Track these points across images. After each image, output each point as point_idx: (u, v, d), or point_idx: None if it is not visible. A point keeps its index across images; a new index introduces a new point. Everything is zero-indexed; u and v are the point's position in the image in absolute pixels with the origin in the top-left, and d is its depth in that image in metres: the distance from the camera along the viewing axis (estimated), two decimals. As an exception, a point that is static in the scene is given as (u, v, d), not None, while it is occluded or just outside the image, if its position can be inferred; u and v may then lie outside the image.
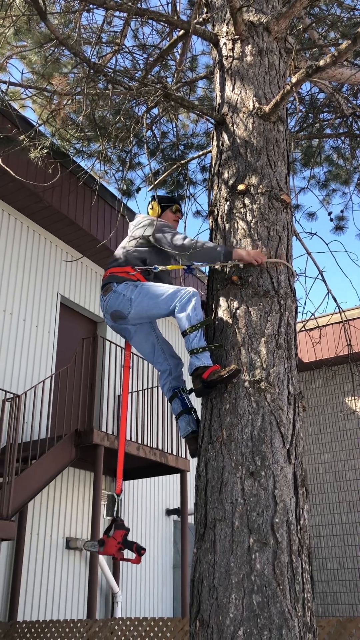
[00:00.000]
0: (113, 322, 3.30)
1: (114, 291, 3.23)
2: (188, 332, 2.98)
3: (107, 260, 9.13)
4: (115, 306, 3.21)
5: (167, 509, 9.69)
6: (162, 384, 3.36)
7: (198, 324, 3.00)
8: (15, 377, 7.26)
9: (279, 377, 2.89)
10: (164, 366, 3.35)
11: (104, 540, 3.05)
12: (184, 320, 3.01)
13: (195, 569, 2.62)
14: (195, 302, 3.05)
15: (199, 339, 2.98)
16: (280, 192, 3.39)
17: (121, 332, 3.41)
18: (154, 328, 3.45)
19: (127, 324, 3.29)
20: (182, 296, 3.07)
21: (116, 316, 3.23)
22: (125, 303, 3.18)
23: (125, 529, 3.09)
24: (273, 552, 2.47)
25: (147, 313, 3.18)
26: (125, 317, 3.20)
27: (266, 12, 3.94)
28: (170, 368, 3.34)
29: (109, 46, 6.36)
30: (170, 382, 3.30)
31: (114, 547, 3.04)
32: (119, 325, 3.34)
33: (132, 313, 3.18)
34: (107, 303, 3.26)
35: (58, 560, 7.28)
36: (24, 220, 8.03)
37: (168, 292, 3.12)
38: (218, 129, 3.74)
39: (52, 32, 2.73)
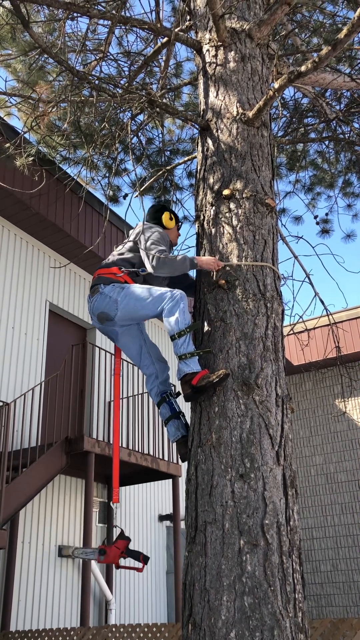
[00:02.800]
0: (100, 324, 3.31)
1: (100, 293, 3.23)
2: (177, 337, 2.99)
3: (95, 266, 9.13)
4: (101, 308, 3.21)
5: (160, 514, 9.67)
6: (149, 389, 3.36)
7: (186, 328, 3.01)
8: (5, 386, 7.23)
9: (267, 379, 2.91)
10: (150, 370, 3.35)
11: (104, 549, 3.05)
12: (173, 325, 3.01)
13: (186, 572, 2.63)
14: (183, 305, 3.05)
15: (187, 344, 2.99)
16: (265, 196, 3.42)
17: (108, 334, 3.41)
18: (142, 331, 3.45)
19: (114, 325, 3.29)
20: (170, 299, 3.06)
21: (103, 318, 3.24)
22: (111, 305, 3.18)
23: (127, 539, 3.10)
24: (264, 554, 2.49)
25: (134, 315, 3.18)
26: (112, 318, 3.20)
27: (248, 19, 3.99)
28: (156, 372, 3.34)
29: (93, 54, 6.39)
30: (158, 387, 3.31)
31: (117, 556, 3.05)
32: (106, 327, 3.35)
33: (118, 315, 3.18)
34: (93, 305, 3.27)
35: (50, 569, 7.24)
36: (11, 228, 8.02)
37: (155, 294, 3.12)
38: (203, 134, 3.78)
39: (36, 41, 2.75)
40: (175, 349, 2.99)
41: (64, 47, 5.24)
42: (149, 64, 5.97)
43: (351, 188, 7.94)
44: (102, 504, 8.44)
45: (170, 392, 3.30)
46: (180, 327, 3.00)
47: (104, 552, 3.03)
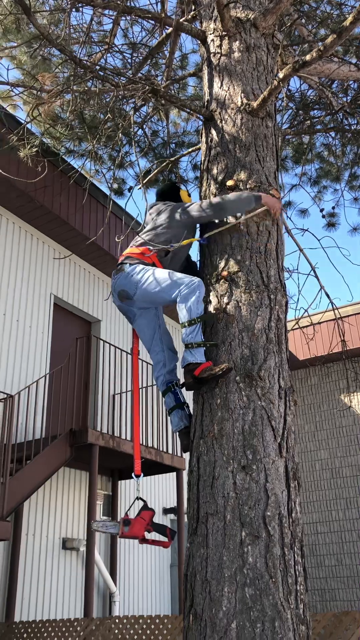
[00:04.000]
0: (120, 301, 3.32)
1: (125, 271, 3.24)
2: (187, 325, 2.97)
3: (99, 259, 9.12)
4: (123, 285, 3.23)
5: (164, 508, 9.69)
6: (155, 376, 3.36)
7: (197, 318, 2.98)
8: (10, 378, 7.24)
9: (270, 371, 2.89)
10: (159, 357, 3.34)
11: (129, 520, 2.87)
12: (185, 312, 2.99)
13: (188, 564, 2.63)
14: (198, 294, 3.02)
15: (196, 333, 2.97)
16: (269, 187, 3.40)
17: (127, 313, 3.42)
18: (158, 316, 3.44)
19: (132, 305, 3.30)
20: (186, 285, 3.04)
21: (123, 296, 3.25)
22: (132, 284, 3.19)
23: (152, 511, 2.95)
24: (265, 545, 2.48)
25: (151, 298, 3.18)
26: (131, 297, 3.21)
27: (253, 8, 3.95)
28: (164, 360, 3.33)
29: (98, 46, 6.35)
30: (164, 376, 3.30)
31: (142, 528, 2.88)
32: (125, 306, 3.35)
33: (137, 294, 3.19)
34: (116, 282, 3.29)
35: (55, 561, 7.27)
36: (16, 221, 8.02)
37: (172, 279, 3.09)
38: (207, 125, 3.75)
39: (38, 29, 2.73)
40: (183, 337, 2.97)
41: (69, 38, 5.22)
42: (154, 55, 5.94)
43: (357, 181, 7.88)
44: (107, 497, 8.46)
45: (176, 382, 3.29)
46: (192, 315, 2.97)
47: (128, 523, 2.85)
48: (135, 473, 3.26)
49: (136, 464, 3.26)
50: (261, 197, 3.18)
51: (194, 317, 2.97)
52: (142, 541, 3.00)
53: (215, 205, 3.20)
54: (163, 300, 3.17)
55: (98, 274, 9.45)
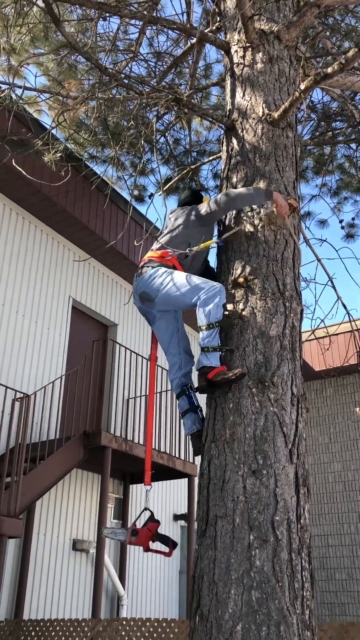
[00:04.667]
0: (141, 303, 3.37)
1: (147, 274, 3.30)
2: (204, 329, 3.01)
3: (119, 264, 9.21)
4: (144, 288, 3.28)
5: (175, 514, 9.70)
6: (171, 379, 3.40)
7: (216, 322, 3.01)
8: (26, 378, 7.34)
9: (283, 378, 2.92)
10: (175, 359, 3.39)
11: (137, 530, 3.04)
12: (203, 316, 3.03)
13: (196, 565, 2.66)
14: (219, 299, 3.05)
15: (213, 337, 3.00)
16: (287, 196, 3.44)
17: (147, 314, 3.47)
18: (177, 319, 3.48)
19: (153, 307, 3.35)
20: (207, 290, 3.07)
21: (144, 298, 3.31)
22: (154, 287, 3.24)
23: (157, 522, 3.11)
24: (273, 550, 2.50)
25: (172, 301, 3.22)
26: (152, 299, 3.26)
27: (277, 21, 4.01)
28: (180, 362, 3.37)
29: (124, 54, 6.46)
30: (180, 379, 3.35)
31: (147, 538, 3.05)
32: (145, 308, 3.40)
33: (158, 297, 3.23)
34: (138, 283, 3.34)
35: (64, 561, 7.32)
36: (38, 224, 8.15)
37: (193, 284, 3.13)
38: (228, 134, 3.80)
39: (65, 37, 2.82)
40: (200, 340, 3.01)
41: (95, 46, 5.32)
42: (178, 65, 6.02)
43: (378, 193, 7.88)
44: (118, 500, 8.50)
45: (190, 386, 3.33)
46: (211, 320, 3.01)
47: (136, 533, 3.02)
48: (145, 484, 3.33)
49: (146, 475, 3.33)
50: (272, 193, 3.22)
51: (212, 321, 3.01)
52: (146, 549, 3.13)
53: (224, 197, 3.26)
54: (183, 304, 3.21)
55: (116, 279, 9.54)
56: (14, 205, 7.77)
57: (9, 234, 7.67)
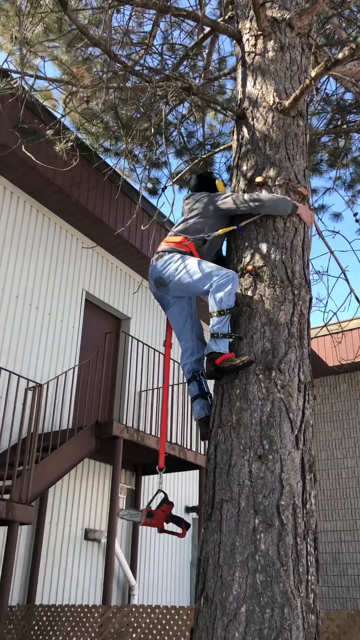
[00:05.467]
0: (156, 288, 3.39)
1: (163, 258, 3.32)
2: (215, 315, 3.02)
3: (132, 257, 9.24)
4: (159, 273, 3.30)
5: (186, 506, 9.73)
6: (182, 364, 3.43)
7: (227, 309, 3.02)
8: (39, 368, 7.42)
9: (290, 364, 2.92)
10: (188, 345, 3.40)
11: (152, 512, 3.07)
12: (215, 302, 3.03)
13: (201, 548, 2.68)
14: (232, 286, 3.05)
15: (224, 324, 3.01)
16: (297, 184, 3.43)
17: (161, 300, 3.49)
18: (192, 305, 3.50)
19: (167, 293, 3.37)
20: (221, 276, 3.08)
21: (159, 283, 3.32)
22: (169, 272, 3.25)
23: (171, 504, 3.14)
24: (278, 534, 2.51)
25: (185, 287, 3.23)
26: (167, 285, 3.28)
27: (289, 8, 3.98)
28: (192, 348, 3.39)
29: (138, 46, 6.47)
30: (191, 364, 3.37)
31: (162, 520, 3.09)
32: (160, 293, 3.42)
33: (172, 283, 3.25)
34: (154, 269, 3.36)
35: (76, 550, 7.40)
36: (52, 217, 8.21)
37: (206, 270, 3.14)
38: (239, 123, 3.80)
39: (73, 21, 2.84)
40: (211, 326, 3.03)
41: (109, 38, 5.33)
42: (191, 56, 6.01)
43: (393, 186, 7.82)
44: (129, 491, 8.56)
45: (201, 372, 3.34)
46: (222, 306, 3.01)
47: (151, 515, 3.05)
48: (159, 466, 3.38)
49: (161, 457, 3.38)
50: (298, 207, 3.25)
51: (223, 308, 3.02)
52: (160, 530, 3.16)
53: (253, 201, 3.25)
54: (197, 290, 3.21)
55: (130, 272, 9.58)
56: (27, 197, 7.83)
57: (23, 226, 7.73)
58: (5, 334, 7.12)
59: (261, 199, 3.23)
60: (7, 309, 7.22)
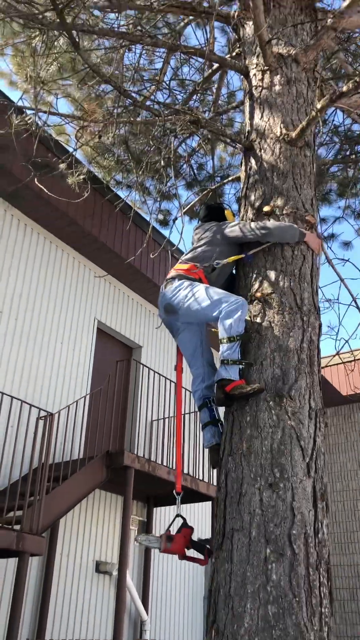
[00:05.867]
0: (165, 315, 3.41)
1: (172, 285, 3.35)
2: (225, 342, 3.03)
3: (144, 286, 9.32)
4: (169, 299, 3.33)
5: (199, 538, 9.57)
6: (193, 390, 3.42)
7: (237, 336, 3.03)
8: (51, 397, 7.43)
9: (301, 391, 2.92)
10: (199, 371, 3.41)
11: (172, 536, 2.99)
12: (225, 328, 3.05)
13: (212, 578, 2.64)
14: (241, 313, 3.08)
15: (233, 350, 3.02)
16: (305, 213, 3.47)
17: (171, 326, 3.51)
18: (202, 332, 3.51)
19: (177, 319, 3.39)
20: (230, 303, 3.10)
21: (169, 309, 3.35)
22: (178, 299, 3.28)
23: (191, 528, 3.05)
24: (290, 564, 2.47)
25: (195, 313, 3.25)
26: (176, 312, 3.31)
27: (295, 44, 4.10)
28: (204, 375, 3.39)
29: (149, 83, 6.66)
30: (202, 391, 3.36)
31: (183, 545, 2.99)
32: (170, 319, 3.44)
33: (182, 309, 3.28)
34: (163, 295, 3.39)
35: (87, 583, 7.28)
36: (65, 248, 8.33)
37: (216, 297, 3.16)
38: (247, 154, 3.88)
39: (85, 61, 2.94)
40: (221, 352, 3.04)
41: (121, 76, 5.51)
42: (199, 91, 6.17)
43: None
44: (141, 523, 8.45)
45: (212, 398, 3.33)
46: (232, 333, 3.03)
47: (171, 539, 2.97)
48: (176, 490, 3.34)
49: (178, 481, 3.35)
50: (305, 234, 3.29)
51: (233, 334, 3.03)
52: (182, 557, 3.07)
53: (260, 228, 3.29)
54: (206, 317, 3.23)
55: (141, 301, 9.64)
56: (41, 229, 7.97)
57: (37, 257, 7.86)
58: (17, 363, 7.17)
59: (268, 226, 3.27)
60: (19, 337, 7.29)
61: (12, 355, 7.14)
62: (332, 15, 4.28)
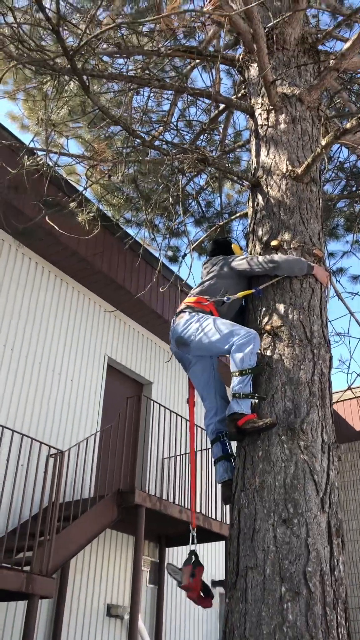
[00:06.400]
0: (177, 348, 3.40)
1: (183, 318, 3.34)
2: (237, 375, 3.01)
3: (152, 322, 9.35)
4: (180, 332, 3.32)
5: (212, 580, 9.32)
6: (206, 424, 3.39)
7: (249, 369, 3.01)
8: (61, 435, 7.39)
9: (313, 425, 2.89)
10: (212, 404, 3.37)
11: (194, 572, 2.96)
12: (237, 361, 3.03)
13: (227, 619, 2.57)
14: (253, 346, 3.06)
15: (245, 384, 3.00)
16: (312, 247, 3.51)
17: (182, 359, 3.49)
18: (213, 364, 3.49)
19: (189, 352, 3.37)
20: (241, 336, 3.09)
21: (180, 342, 3.33)
22: (189, 332, 3.27)
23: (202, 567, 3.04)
24: (306, 603, 2.40)
25: (207, 346, 3.23)
26: (188, 344, 3.29)
27: (299, 85, 4.21)
28: (216, 408, 3.35)
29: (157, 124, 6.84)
30: (215, 424, 3.32)
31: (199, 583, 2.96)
32: (181, 353, 3.43)
33: (193, 342, 3.26)
34: (174, 329, 3.38)
35: (98, 627, 7.08)
36: (75, 285, 8.42)
37: (227, 330, 3.15)
38: (253, 191, 3.95)
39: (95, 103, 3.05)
40: (233, 386, 3.01)
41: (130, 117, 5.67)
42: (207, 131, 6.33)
43: None
44: (153, 564, 8.26)
45: (225, 432, 3.29)
46: (244, 366, 3.01)
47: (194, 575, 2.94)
48: (191, 526, 3.30)
49: (192, 517, 3.31)
50: (313, 267, 3.32)
51: (245, 367, 3.01)
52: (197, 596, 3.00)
53: (268, 262, 3.32)
54: (217, 350, 3.21)
55: (151, 337, 9.66)
56: (52, 267, 8.08)
57: (47, 295, 7.94)
58: (28, 400, 7.16)
59: (276, 260, 3.30)
60: (30, 375, 7.30)
61: (23, 392, 7.14)
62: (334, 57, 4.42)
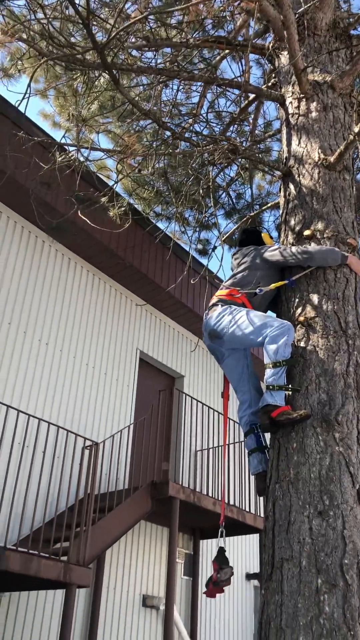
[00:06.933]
0: (210, 341, 3.39)
1: (216, 312, 3.33)
2: (271, 367, 2.99)
3: (184, 316, 9.37)
4: (213, 325, 3.31)
5: (247, 573, 9.32)
6: (240, 416, 3.38)
7: (283, 361, 2.98)
8: (96, 427, 7.48)
9: (348, 416, 2.85)
10: (246, 397, 3.36)
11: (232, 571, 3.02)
12: (271, 353, 3.00)
13: (262, 611, 2.57)
14: (287, 337, 3.03)
15: (279, 376, 2.97)
16: (346, 236, 3.45)
17: (215, 352, 3.48)
18: (247, 356, 3.47)
19: (222, 345, 3.36)
20: (275, 327, 3.06)
21: (213, 335, 3.32)
22: (223, 324, 3.26)
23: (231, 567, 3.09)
24: (343, 595, 2.38)
25: (240, 338, 3.22)
26: (221, 337, 3.28)
27: (330, 71, 4.14)
28: (250, 400, 3.33)
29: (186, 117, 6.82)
30: (249, 416, 3.31)
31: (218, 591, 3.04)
32: (214, 345, 3.42)
33: (227, 335, 3.25)
34: (207, 322, 3.37)
35: (135, 617, 7.17)
36: (107, 280, 8.49)
37: (261, 321, 3.13)
38: (285, 180, 3.90)
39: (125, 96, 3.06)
40: (267, 378, 2.99)
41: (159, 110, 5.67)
42: (237, 122, 6.27)
43: None
44: (188, 556, 8.30)
45: (259, 424, 3.27)
46: (278, 358, 2.98)
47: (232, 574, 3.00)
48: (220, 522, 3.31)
49: (222, 513, 3.31)
50: (347, 257, 3.27)
51: (279, 359, 2.98)
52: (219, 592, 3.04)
53: (301, 253, 3.28)
54: (251, 342, 3.19)
55: (182, 330, 9.68)
56: (84, 262, 8.16)
57: (80, 290, 8.03)
58: (63, 393, 7.27)
59: (309, 250, 3.26)
60: (65, 369, 7.41)
61: (58, 385, 7.25)
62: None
